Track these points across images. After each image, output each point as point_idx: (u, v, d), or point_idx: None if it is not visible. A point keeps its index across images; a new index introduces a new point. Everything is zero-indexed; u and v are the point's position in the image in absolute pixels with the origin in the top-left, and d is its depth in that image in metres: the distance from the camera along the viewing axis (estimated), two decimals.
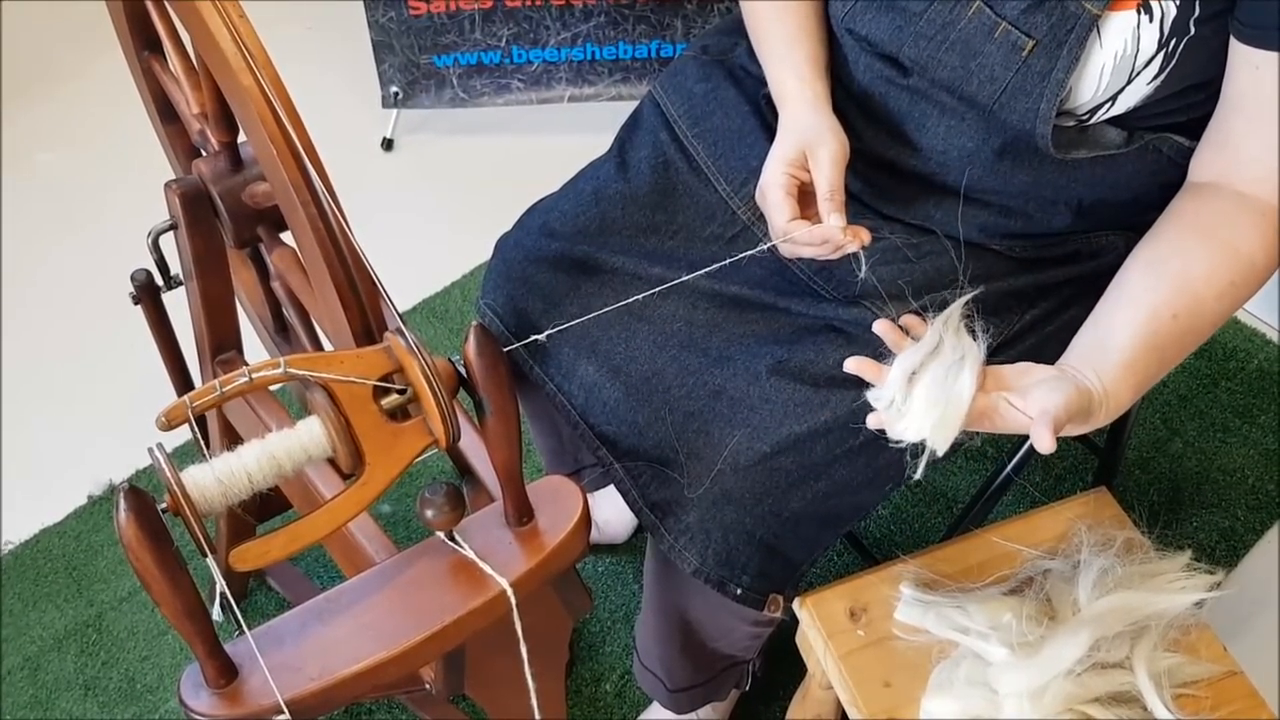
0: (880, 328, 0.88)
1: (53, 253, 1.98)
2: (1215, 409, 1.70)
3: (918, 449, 0.86)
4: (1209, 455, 1.65)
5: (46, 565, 1.60)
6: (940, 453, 0.85)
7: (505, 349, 0.78)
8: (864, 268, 0.97)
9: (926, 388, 0.85)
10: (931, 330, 0.88)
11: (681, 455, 1.01)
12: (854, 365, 0.88)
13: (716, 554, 1.00)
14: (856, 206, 1.05)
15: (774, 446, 0.98)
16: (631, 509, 1.04)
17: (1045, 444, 0.80)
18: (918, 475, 0.87)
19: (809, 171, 0.96)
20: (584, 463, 1.36)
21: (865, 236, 0.94)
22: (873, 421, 0.87)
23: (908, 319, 0.90)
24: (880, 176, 1.06)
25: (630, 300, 1.02)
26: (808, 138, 0.97)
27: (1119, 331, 0.90)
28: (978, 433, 0.87)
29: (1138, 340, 0.89)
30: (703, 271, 1.00)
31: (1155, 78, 0.91)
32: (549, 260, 1.10)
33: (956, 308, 0.91)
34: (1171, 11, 0.88)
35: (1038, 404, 0.82)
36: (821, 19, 1.06)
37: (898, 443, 0.86)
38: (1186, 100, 0.95)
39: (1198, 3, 0.88)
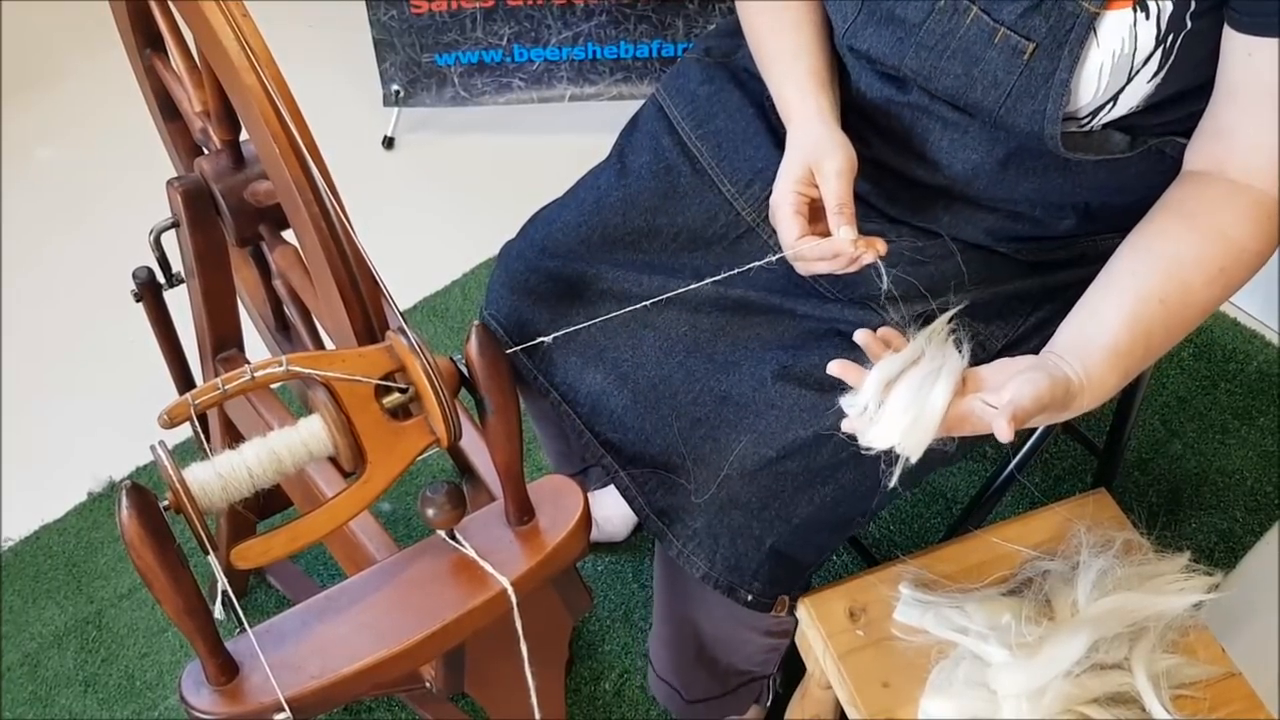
0: (861, 338, 0.88)
1: (53, 249, 1.98)
2: (1214, 410, 1.70)
3: (892, 456, 0.86)
4: (1208, 457, 1.65)
5: (46, 562, 1.60)
6: (913, 460, 0.85)
7: (509, 355, 0.78)
8: (885, 279, 0.96)
9: (900, 395, 0.85)
10: (914, 342, 0.88)
11: (688, 461, 1.01)
12: (837, 368, 0.88)
13: (725, 559, 1.01)
14: (864, 210, 1.05)
15: (780, 451, 0.99)
16: (638, 515, 1.04)
17: (1003, 434, 0.81)
18: (893, 482, 0.87)
19: (818, 187, 0.96)
20: (591, 462, 1.36)
21: (881, 247, 0.93)
22: (845, 426, 0.87)
23: (886, 332, 0.90)
24: (888, 181, 1.06)
25: (636, 307, 1.02)
26: (813, 154, 0.97)
27: (1105, 316, 0.90)
28: (954, 440, 0.87)
29: (1124, 326, 0.89)
30: (709, 281, 1.00)
31: (1155, 75, 0.91)
32: (551, 274, 1.10)
33: (941, 321, 0.91)
34: (1168, 7, 0.88)
35: (1007, 396, 0.83)
36: (820, 31, 1.05)
37: (869, 449, 0.86)
38: (1188, 108, 0.96)
39: None
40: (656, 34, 1.99)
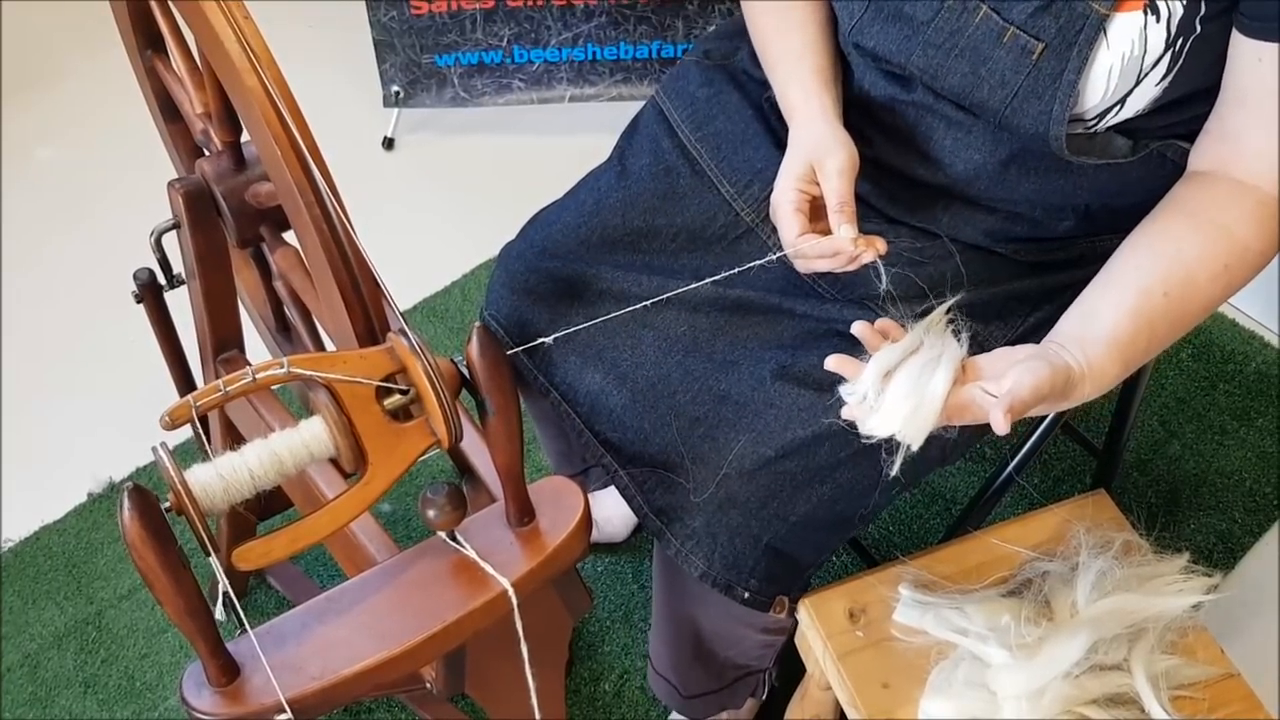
0: (859, 329, 0.89)
1: (53, 249, 1.99)
2: (1213, 411, 1.70)
3: (893, 445, 0.86)
4: (1207, 458, 1.65)
5: (46, 563, 1.60)
6: (915, 447, 0.85)
7: (510, 355, 0.79)
8: (884, 279, 0.97)
9: (900, 383, 0.85)
10: (912, 332, 0.89)
11: (687, 460, 1.01)
12: (834, 363, 0.88)
13: (723, 558, 1.01)
14: (863, 210, 1.05)
15: (779, 450, 0.99)
16: (637, 515, 1.05)
17: (999, 425, 0.81)
18: (894, 471, 0.88)
19: (819, 185, 0.97)
20: (591, 462, 1.36)
21: (881, 246, 0.94)
22: (845, 414, 0.87)
23: (883, 323, 0.90)
24: (888, 181, 1.07)
25: (636, 307, 1.02)
26: (815, 152, 0.97)
27: (1109, 307, 0.90)
28: (955, 427, 0.87)
29: (1127, 316, 0.89)
30: (709, 281, 1.01)
31: (1163, 79, 0.92)
32: (550, 274, 1.10)
33: (939, 312, 0.91)
34: (1179, 11, 0.89)
35: (1006, 385, 0.83)
36: (825, 30, 1.06)
37: (869, 438, 0.86)
38: (1193, 111, 0.96)
39: (1204, 1, 0.88)
40: (656, 35, 1.99)
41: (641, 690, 1.47)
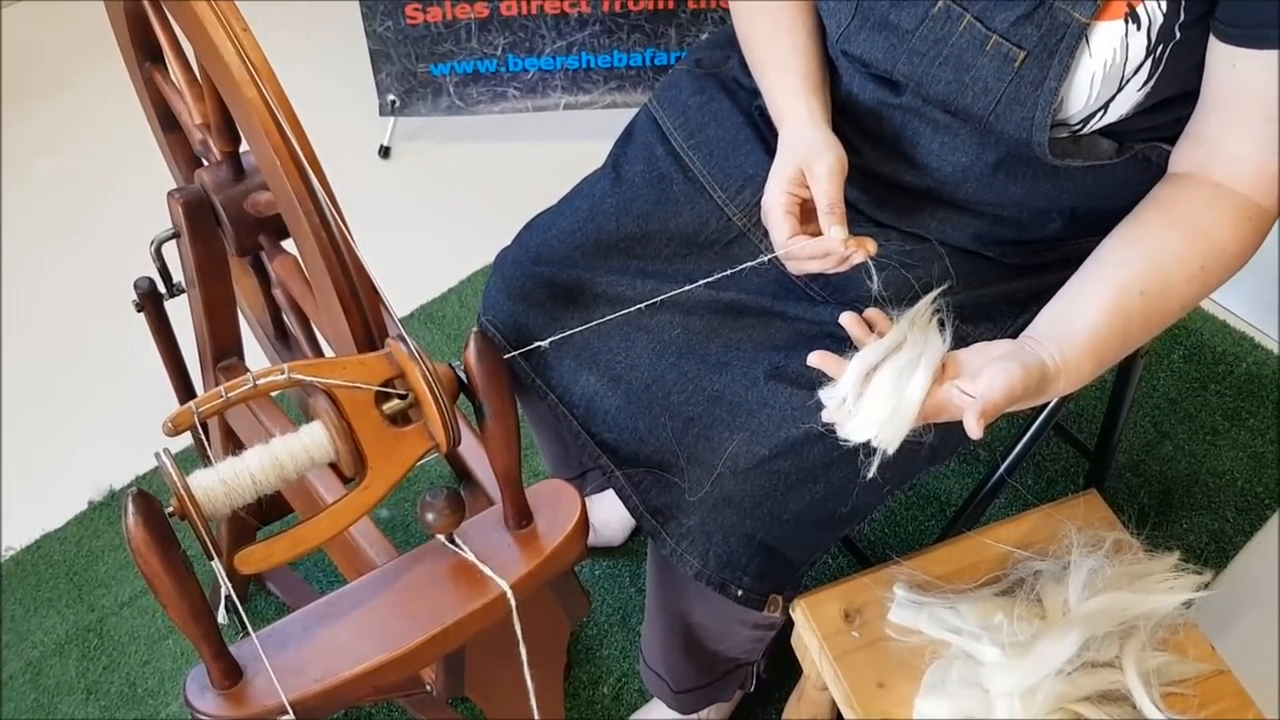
0: (846, 320, 0.90)
1: (53, 259, 1.99)
2: (1205, 412, 1.71)
3: (870, 448, 0.88)
4: (1198, 458, 1.67)
5: (47, 570, 1.61)
6: (890, 451, 0.87)
7: (506, 358, 0.79)
8: (876, 280, 0.98)
9: (877, 388, 0.86)
10: (896, 328, 0.90)
11: (682, 460, 1.02)
12: (817, 359, 0.90)
13: (718, 556, 1.02)
14: (852, 215, 1.06)
15: (772, 450, 1.00)
16: (633, 515, 1.05)
17: (972, 431, 0.83)
18: (870, 474, 0.89)
19: (809, 188, 0.98)
20: (588, 465, 1.37)
21: (871, 246, 0.95)
22: (825, 417, 0.89)
23: (871, 313, 0.91)
24: (876, 187, 1.08)
25: (630, 310, 1.03)
26: (804, 154, 0.98)
27: (1086, 304, 0.92)
28: (931, 430, 0.89)
29: (1103, 313, 0.91)
30: (703, 283, 1.02)
31: (1145, 84, 0.93)
32: (546, 280, 1.11)
33: (924, 304, 0.93)
34: (1159, 18, 0.90)
35: (980, 389, 0.85)
36: (814, 36, 1.07)
37: (846, 441, 0.88)
38: (1176, 113, 0.97)
39: (1182, 8, 0.89)
40: (649, 43, 2.00)
41: (640, 693, 1.48)
